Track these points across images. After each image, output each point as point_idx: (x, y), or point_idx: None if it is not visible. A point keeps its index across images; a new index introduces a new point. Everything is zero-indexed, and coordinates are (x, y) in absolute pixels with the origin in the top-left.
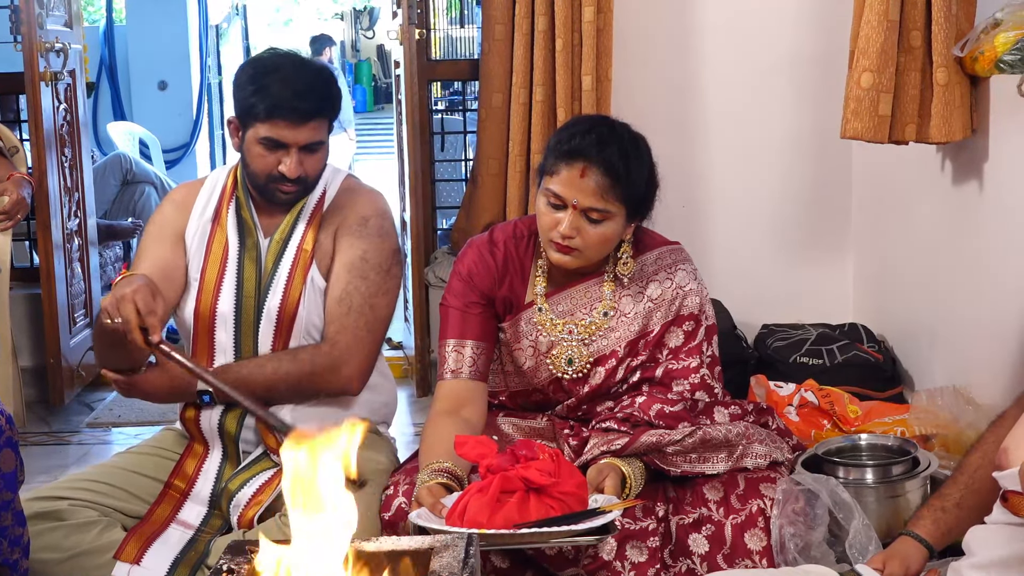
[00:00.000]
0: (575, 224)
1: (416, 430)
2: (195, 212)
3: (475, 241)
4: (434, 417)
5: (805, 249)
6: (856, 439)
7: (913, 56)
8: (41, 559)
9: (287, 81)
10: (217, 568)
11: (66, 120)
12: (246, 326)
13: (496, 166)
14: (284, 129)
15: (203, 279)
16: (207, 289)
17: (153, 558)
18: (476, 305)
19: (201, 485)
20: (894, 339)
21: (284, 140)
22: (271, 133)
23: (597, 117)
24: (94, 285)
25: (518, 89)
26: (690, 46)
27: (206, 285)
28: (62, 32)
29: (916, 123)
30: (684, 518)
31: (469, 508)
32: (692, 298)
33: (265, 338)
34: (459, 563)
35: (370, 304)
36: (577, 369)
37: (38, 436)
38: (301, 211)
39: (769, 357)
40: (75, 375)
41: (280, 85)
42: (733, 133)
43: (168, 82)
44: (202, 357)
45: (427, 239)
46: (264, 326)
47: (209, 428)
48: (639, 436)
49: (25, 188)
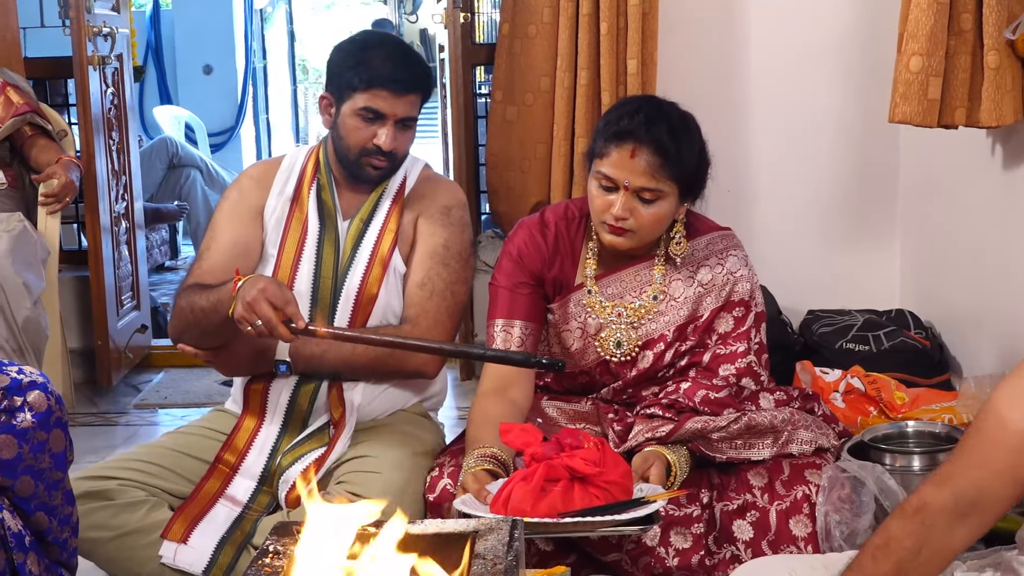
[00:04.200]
0: (628, 205)
1: (459, 413)
2: (274, 190)
3: (526, 222)
4: (481, 398)
5: (851, 234)
6: (903, 426)
7: (963, 39)
8: (90, 538)
9: (388, 56)
10: (263, 548)
11: (113, 104)
12: (323, 306)
13: (542, 150)
14: (383, 100)
15: (280, 257)
16: (284, 267)
17: (200, 537)
18: (525, 286)
19: (253, 459)
20: (941, 325)
21: (382, 111)
22: (370, 103)
23: (644, 97)
24: (141, 267)
25: (563, 73)
26: (736, 29)
27: (283, 263)
28: (110, 16)
29: (966, 107)
30: (728, 504)
31: (513, 496)
32: (743, 284)
33: (342, 319)
34: (504, 546)
35: (451, 291)
36: (625, 352)
37: (86, 417)
38: (384, 193)
39: (815, 343)
40: (122, 357)
41: (381, 59)
42: (779, 117)
43: (213, 66)
44: None
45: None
46: (342, 306)
47: (276, 400)
48: (684, 423)
49: (73, 171)
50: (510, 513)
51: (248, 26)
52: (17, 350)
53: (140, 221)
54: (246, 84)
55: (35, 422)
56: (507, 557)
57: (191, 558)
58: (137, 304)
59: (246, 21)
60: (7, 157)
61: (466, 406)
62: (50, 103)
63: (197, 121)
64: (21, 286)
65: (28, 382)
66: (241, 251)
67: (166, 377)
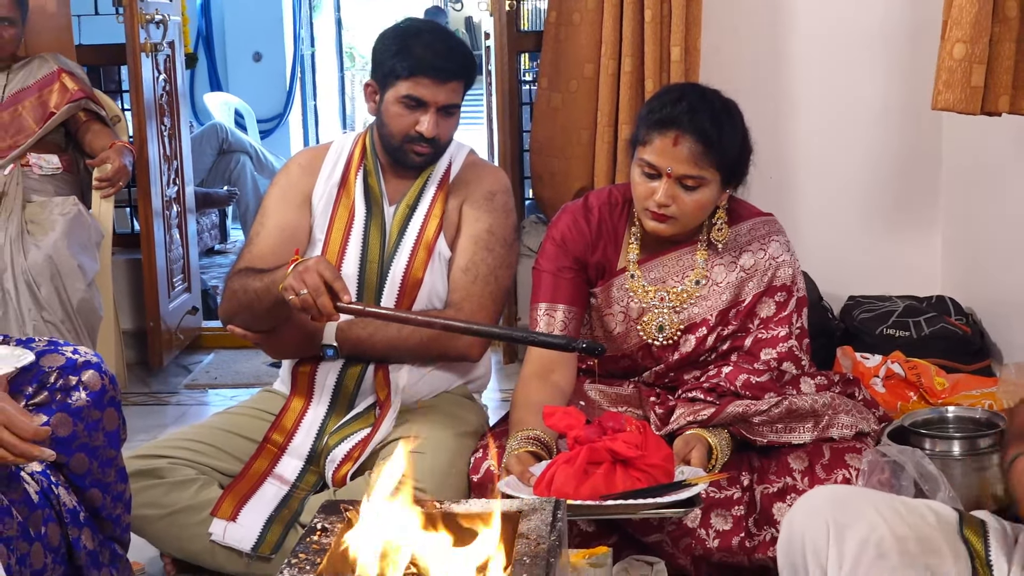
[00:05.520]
0: (670, 192)
1: (503, 396)
2: (322, 176)
3: (570, 207)
4: (525, 380)
5: (893, 221)
6: (943, 411)
7: (1008, 26)
8: (142, 515)
9: (430, 44)
10: (311, 527)
11: (165, 90)
12: (369, 290)
13: (586, 136)
14: (425, 88)
15: (327, 241)
16: (331, 251)
17: (248, 515)
18: (568, 270)
19: (300, 439)
20: (982, 312)
21: (424, 98)
22: (413, 91)
23: (687, 85)
24: (192, 251)
25: (607, 60)
26: (779, 17)
27: (330, 247)
28: (162, 4)
29: (1010, 94)
30: (769, 487)
31: (556, 478)
32: (785, 269)
33: (388, 302)
34: (547, 526)
35: (495, 275)
36: (668, 336)
37: (138, 396)
38: (429, 178)
39: (855, 328)
40: (173, 338)
41: (424, 46)
42: (822, 104)
43: (263, 54)
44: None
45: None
46: (388, 290)
47: (323, 382)
48: (725, 406)
49: (126, 156)
50: (553, 495)
51: (296, 14)
52: (72, 331)
53: (191, 205)
54: (294, 71)
55: (89, 401)
56: (550, 537)
57: (240, 535)
58: (188, 286)
59: (294, 9)
60: (62, 142)
61: (509, 388)
62: (103, 89)
63: (247, 108)
64: (76, 268)
65: (83, 362)
66: (290, 236)
67: (216, 358)
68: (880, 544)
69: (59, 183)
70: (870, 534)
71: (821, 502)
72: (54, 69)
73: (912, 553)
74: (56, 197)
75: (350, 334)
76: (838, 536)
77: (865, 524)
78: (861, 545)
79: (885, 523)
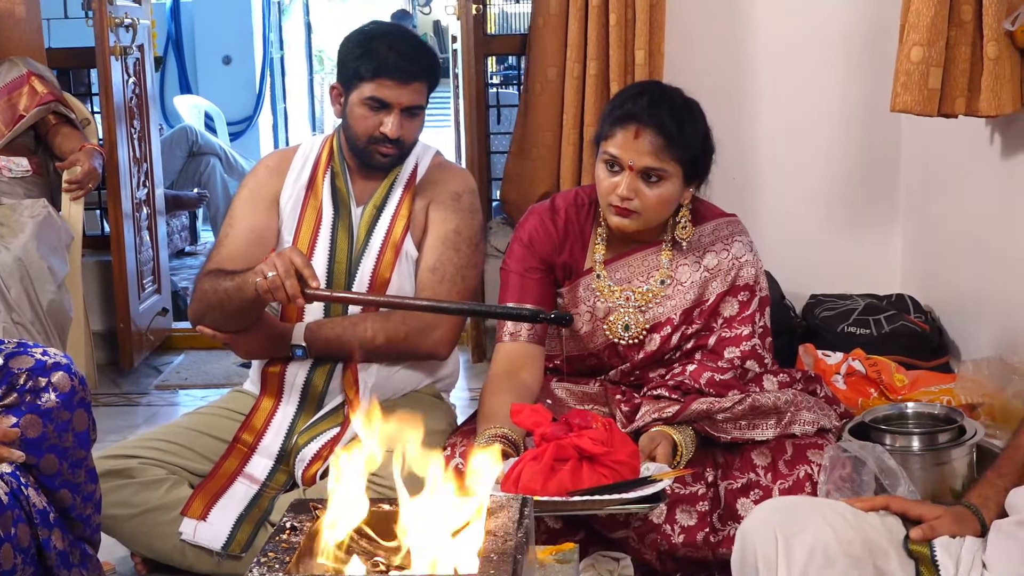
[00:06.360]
0: (632, 186)
1: (471, 395)
2: (290, 177)
3: (536, 208)
4: (492, 379)
5: (854, 220)
6: (903, 407)
7: (963, 30)
8: (112, 515)
9: (393, 45)
10: (281, 525)
11: (135, 93)
12: (337, 290)
13: (551, 138)
14: (388, 89)
15: (296, 242)
16: None
17: (218, 514)
18: (536, 271)
19: (270, 439)
20: (941, 310)
21: (388, 100)
22: (376, 92)
23: (649, 82)
24: (162, 253)
25: (572, 63)
26: (741, 21)
27: (299, 248)
28: (131, 8)
29: (966, 97)
30: (733, 483)
31: (523, 475)
32: (748, 269)
33: None
34: (514, 523)
35: (462, 275)
36: (633, 335)
37: (108, 397)
38: (396, 180)
39: (817, 326)
40: (144, 339)
41: (387, 48)
42: (784, 107)
43: (232, 57)
44: (292, 318)
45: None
46: (356, 290)
47: (292, 382)
48: (690, 404)
49: (96, 159)
50: (520, 492)
51: (266, 17)
52: (42, 332)
53: (161, 207)
54: (264, 74)
55: (59, 402)
56: (517, 534)
57: (210, 534)
58: (158, 288)
59: (264, 12)
60: (32, 145)
61: (477, 387)
62: (73, 92)
63: (216, 110)
64: (46, 270)
65: (52, 363)
66: (258, 238)
67: (186, 359)
68: (827, 550)
69: (29, 185)
70: (816, 542)
71: (769, 513)
72: (23, 72)
73: (859, 556)
74: (26, 199)
75: (319, 334)
76: (786, 546)
77: (811, 533)
78: (809, 553)
79: (831, 529)
